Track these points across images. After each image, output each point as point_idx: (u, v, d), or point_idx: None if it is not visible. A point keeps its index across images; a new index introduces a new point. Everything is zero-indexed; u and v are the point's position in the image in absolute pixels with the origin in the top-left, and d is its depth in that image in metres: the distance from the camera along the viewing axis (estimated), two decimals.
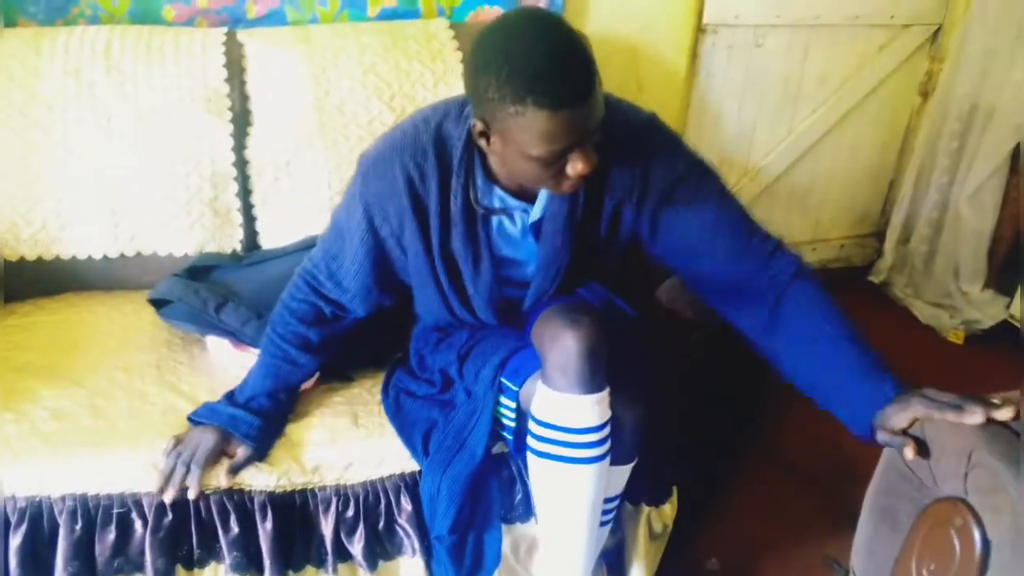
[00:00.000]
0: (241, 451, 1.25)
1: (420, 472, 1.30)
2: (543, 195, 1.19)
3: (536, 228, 1.22)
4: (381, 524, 1.32)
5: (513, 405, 1.23)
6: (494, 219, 1.21)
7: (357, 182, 1.21)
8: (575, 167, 1.04)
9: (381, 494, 1.32)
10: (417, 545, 1.32)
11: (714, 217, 1.19)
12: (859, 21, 2.36)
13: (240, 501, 1.26)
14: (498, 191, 1.20)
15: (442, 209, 1.18)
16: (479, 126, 1.07)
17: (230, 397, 1.31)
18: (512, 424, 1.25)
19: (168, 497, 1.21)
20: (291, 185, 1.66)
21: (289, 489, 1.28)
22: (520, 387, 1.22)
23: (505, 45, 0.99)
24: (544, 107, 0.97)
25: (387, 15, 1.89)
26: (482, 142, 1.09)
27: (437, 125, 1.17)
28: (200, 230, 1.63)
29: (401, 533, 1.33)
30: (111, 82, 1.59)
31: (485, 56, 1.01)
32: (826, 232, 2.73)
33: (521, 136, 1.01)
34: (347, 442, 1.30)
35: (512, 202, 1.20)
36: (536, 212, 1.20)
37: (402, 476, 1.32)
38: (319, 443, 1.30)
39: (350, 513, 1.30)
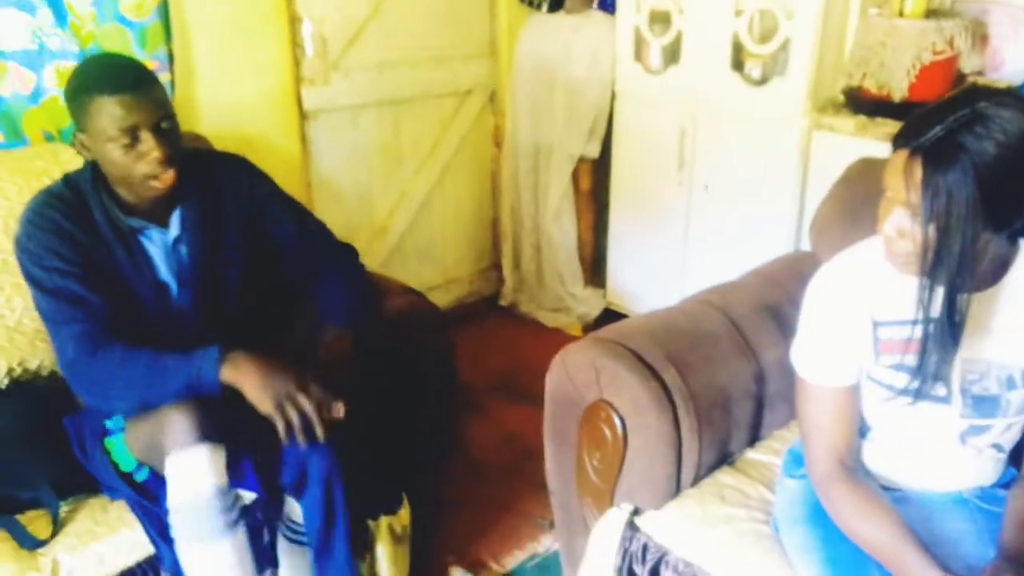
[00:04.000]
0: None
1: None
2: (176, 216, 1.53)
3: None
4: None
5: None
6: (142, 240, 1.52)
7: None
8: (149, 146, 1.40)
9: None
10: None
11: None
12: (431, 92, 2.95)
13: None
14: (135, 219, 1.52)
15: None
16: (79, 137, 1.44)
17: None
18: None
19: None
20: None
21: None
22: None
23: (80, 66, 1.48)
24: (104, 93, 1.38)
25: None
26: (84, 153, 1.45)
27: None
28: None
29: None
30: None
31: (71, 78, 1.45)
32: (455, 273, 3.28)
33: (98, 123, 1.39)
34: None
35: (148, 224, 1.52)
36: (174, 229, 1.53)
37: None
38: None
39: None
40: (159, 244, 1.53)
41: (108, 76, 1.41)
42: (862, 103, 2.33)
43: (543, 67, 3.02)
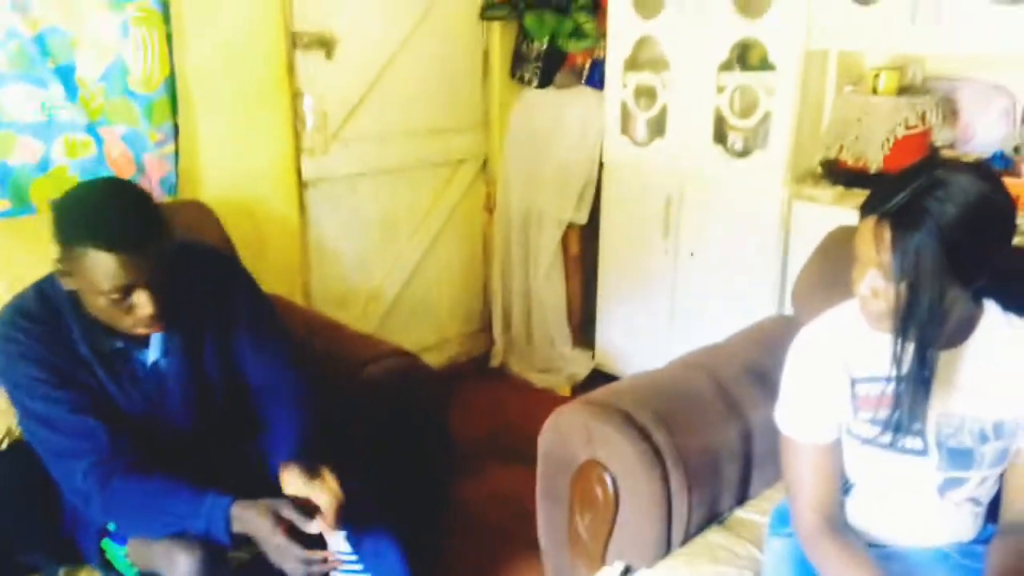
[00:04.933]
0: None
1: None
2: (156, 337, 1.45)
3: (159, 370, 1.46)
4: None
5: None
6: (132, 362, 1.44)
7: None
8: (140, 306, 1.31)
9: None
10: None
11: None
12: (426, 162, 3.04)
13: None
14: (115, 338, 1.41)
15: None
16: (62, 266, 1.32)
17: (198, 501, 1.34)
18: None
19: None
20: None
21: None
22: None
23: (78, 199, 1.33)
24: (102, 249, 1.26)
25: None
26: (67, 280, 1.34)
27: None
28: None
29: None
30: None
31: (62, 208, 1.32)
32: (447, 334, 3.32)
33: (89, 273, 1.27)
34: None
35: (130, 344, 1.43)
36: (153, 353, 1.44)
37: None
38: None
39: None
40: (140, 363, 1.46)
41: (109, 229, 1.27)
42: (839, 174, 2.41)
43: (534, 138, 3.12)
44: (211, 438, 1.55)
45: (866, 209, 1.15)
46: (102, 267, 1.26)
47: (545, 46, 3.00)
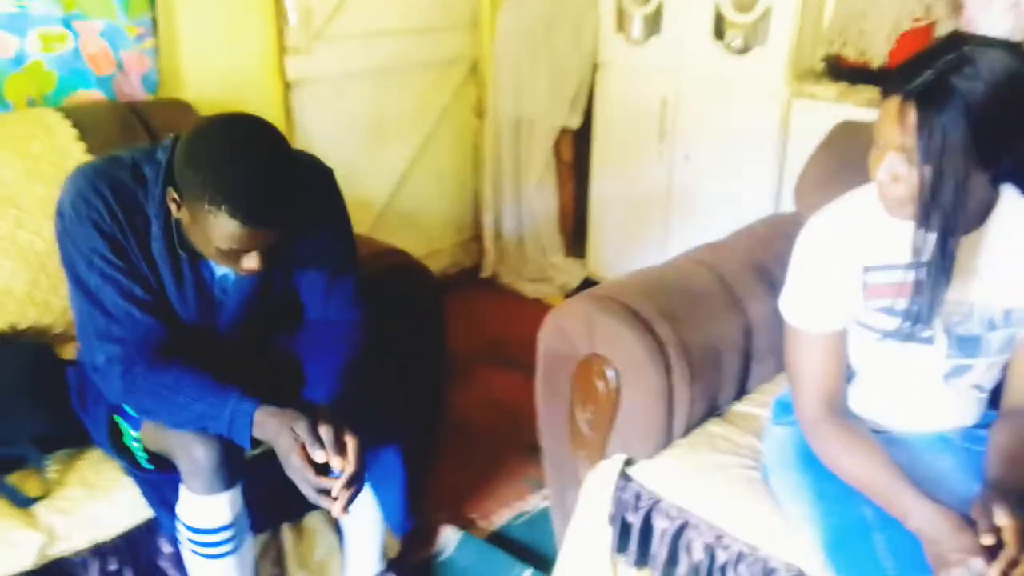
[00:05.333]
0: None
1: None
2: None
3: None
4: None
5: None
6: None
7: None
8: (248, 264, 1.26)
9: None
10: None
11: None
12: (414, 63, 2.94)
13: None
14: None
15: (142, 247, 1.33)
16: (174, 195, 1.24)
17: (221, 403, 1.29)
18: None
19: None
20: None
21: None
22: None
23: (220, 147, 1.19)
24: (235, 217, 1.17)
25: None
26: (173, 206, 1.27)
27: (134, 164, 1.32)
28: None
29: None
30: None
31: (199, 148, 1.20)
32: (438, 244, 3.28)
33: (208, 228, 1.20)
34: None
35: None
36: (223, 268, 1.38)
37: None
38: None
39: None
40: (208, 273, 1.41)
41: (248, 203, 1.17)
42: (841, 71, 2.35)
43: (526, 39, 3.01)
44: (249, 344, 1.52)
45: (889, 88, 1.09)
46: (227, 231, 1.19)
47: None
